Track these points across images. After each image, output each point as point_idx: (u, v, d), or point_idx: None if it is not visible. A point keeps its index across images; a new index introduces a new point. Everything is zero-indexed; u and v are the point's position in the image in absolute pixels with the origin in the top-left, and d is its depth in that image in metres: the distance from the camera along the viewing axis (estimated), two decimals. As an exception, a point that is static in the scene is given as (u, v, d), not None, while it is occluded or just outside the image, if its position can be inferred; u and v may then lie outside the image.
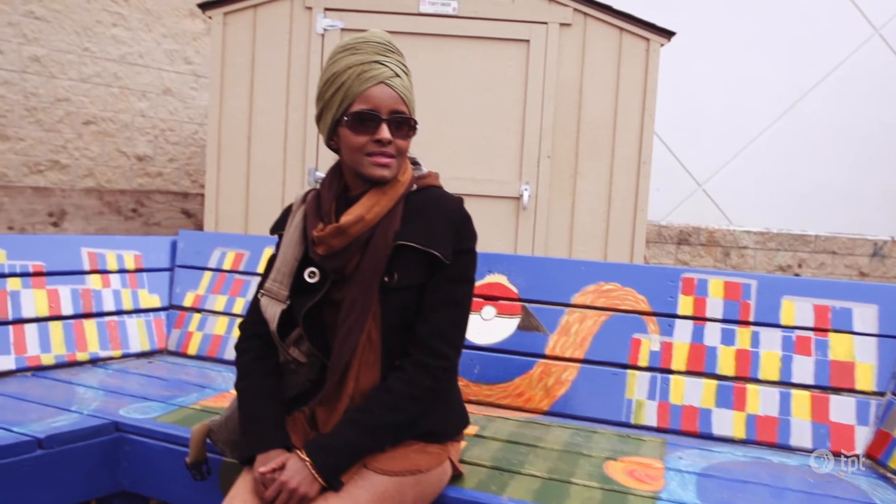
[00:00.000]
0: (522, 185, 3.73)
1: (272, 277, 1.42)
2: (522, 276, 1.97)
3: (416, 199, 1.41)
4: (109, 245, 2.30)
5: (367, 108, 1.34)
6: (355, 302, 1.32)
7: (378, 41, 1.37)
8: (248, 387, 1.38)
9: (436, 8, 3.73)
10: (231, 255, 2.39)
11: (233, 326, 2.30)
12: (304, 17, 3.73)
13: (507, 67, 3.75)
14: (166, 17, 5.20)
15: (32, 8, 4.55)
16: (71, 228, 4.78)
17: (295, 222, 1.44)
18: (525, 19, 3.73)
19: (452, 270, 1.37)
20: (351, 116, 1.34)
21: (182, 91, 5.34)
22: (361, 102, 1.34)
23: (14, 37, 4.48)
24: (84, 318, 2.16)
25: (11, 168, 4.58)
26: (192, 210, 5.40)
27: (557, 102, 3.76)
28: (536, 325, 1.92)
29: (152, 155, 5.25)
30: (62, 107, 4.73)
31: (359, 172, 1.37)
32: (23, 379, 1.96)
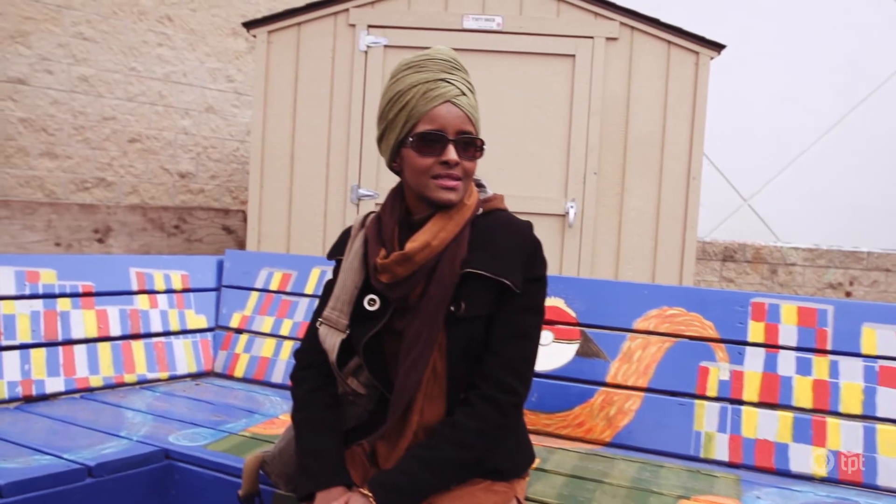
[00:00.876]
0: (568, 202, 3.65)
1: (331, 305, 1.36)
2: (581, 299, 1.88)
3: (483, 223, 1.34)
4: (157, 265, 2.28)
5: (433, 128, 1.28)
6: (420, 333, 1.26)
7: (443, 58, 1.32)
8: (306, 419, 1.32)
9: (480, 24, 3.69)
10: (278, 275, 2.35)
11: (280, 349, 2.25)
12: (347, 34, 3.72)
13: (553, 83, 3.69)
14: (210, 37, 5.26)
15: (82, 29, 4.63)
16: (115, 245, 4.82)
17: (355, 248, 1.38)
18: (571, 34, 3.67)
19: (522, 300, 1.30)
20: (416, 137, 1.29)
21: (224, 109, 5.39)
22: (427, 122, 1.28)
23: (64, 57, 4.57)
24: (132, 340, 2.14)
25: (59, 185, 4.65)
26: (232, 226, 5.43)
27: (604, 118, 3.68)
28: (596, 351, 1.84)
29: (194, 172, 5.30)
30: (108, 125, 4.80)
31: (423, 196, 1.31)
32: (71, 401, 1.94)
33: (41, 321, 1.96)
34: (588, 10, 3.66)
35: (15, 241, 4.44)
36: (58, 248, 4.55)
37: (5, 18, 4.33)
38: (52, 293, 2.02)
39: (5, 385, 1.84)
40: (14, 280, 1.95)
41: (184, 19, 5.11)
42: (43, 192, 4.56)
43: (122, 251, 4.85)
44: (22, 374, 1.88)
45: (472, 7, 3.70)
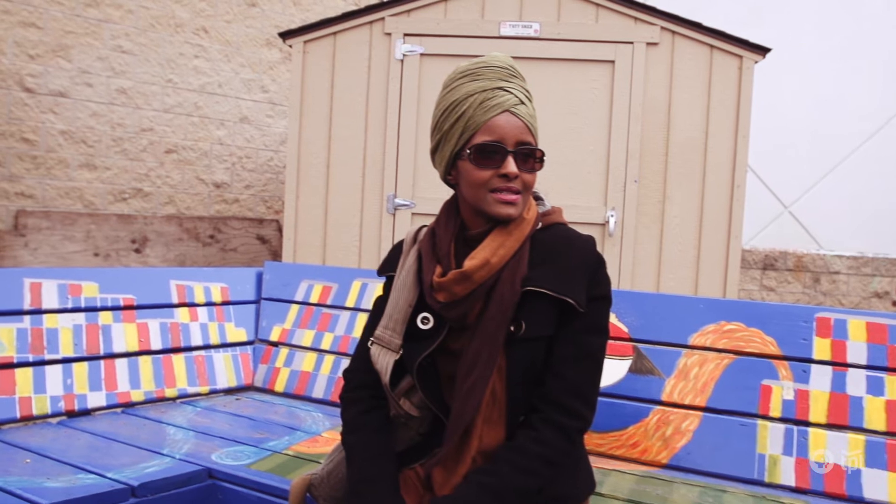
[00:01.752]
0: (608, 210, 3.57)
1: (383, 324, 1.31)
2: (633, 313, 1.81)
3: (543, 239, 1.28)
4: (197, 277, 2.26)
5: (492, 139, 1.22)
6: (479, 354, 1.19)
7: (500, 65, 1.26)
8: (357, 443, 1.27)
9: (517, 30, 3.64)
10: (318, 287, 2.31)
11: (321, 363, 2.21)
12: (383, 42, 3.69)
13: (592, 89, 3.62)
14: (244, 48, 5.29)
15: (120, 42, 4.69)
16: (152, 254, 4.86)
17: (408, 264, 1.32)
18: (610, 39, 3.59)
19: (586, 319, 1.23)
20: (473, 149, 1.22)
21: (258, 119, 5.41)
22: (485, 133, 1.22)
23: (103, 70, 4.62)
24: (172, 353, 2.11)
25: (98, 196, 4.70)
26: (266, 236, 5.44)
27: (644, 125, 3.59)
28: (650, 367, 1.76)
29: (229, 182, 5.32)
30: (146, 136, 4.84)
31: (480, 210, 1.25)
32: (113, 416, 1.91)
33: (83, 335, 1.95)
34: (628, 14, 3.58)
35: (56, 251, 4.49)
36: (96, 258, 4.59)
37: (47, 33, 4.40)
38: (94, 306, 2.00)
39: (48, 400, 1.82)
40: (57, 293, 1.94)
41: (219, 31, 5.14)
42: (82, 202, 4.61)
43: (158, 261, 4.88)
44: (64, 389, 1.86)
45: (510, 14, 3.65)
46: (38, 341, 1.85)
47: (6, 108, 4.31)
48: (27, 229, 4.40)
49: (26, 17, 4.31)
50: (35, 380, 1.83)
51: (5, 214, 4.35)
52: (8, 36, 4.27)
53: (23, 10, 4.30)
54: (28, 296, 1.89)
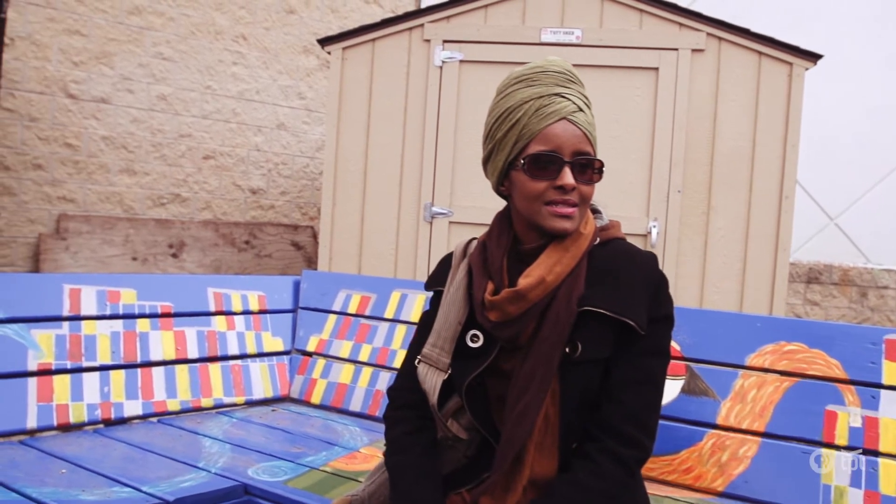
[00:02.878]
0: (650, 221, 3.47)
1: (431, 342, 1.24)
2: (686, 330, 1.72)
3: (601, 255, 1.20)
4: (234, 285, 2.23)
5: (547, 149, 1.15)
6: (532, 377, 1.12)
7: (557, 70, 1.19)
8: (402, 465, 1.21)
9: (558, 37, 3.57)
10: (356, 297, 2.26)
11: (359, 375, 2.16)
12: (422, 49, 3.65)
13: (635, 97, 3.53)
14: (282, 55, 5.31)
15: (161, 49, 4.74)
16: (188, 259, 4.88)
17: (457, 279, 1.26)
18: (654, 46, 3.51)
19: (647, 342, 1.15)
20: (528, 159, 1.15)
21: (295, 125, 5.42)
22: (540, 142, 1.15)
23: (144, 77, 4.67)
24: (209, 362, 2.09)
25: (137, 201, 4.74)
26: (301, 242, 5.43)
27: (689, 133, 3.49)
28: (704, 388, 1.67)
29: (265, 188, 5.34)
30: (184, 142, 4.88)
31: (535, 224, 1.18)
32: (149, 426, 1.89)
33: (121, 342, 1.93)
34: (672, 21, 3.49)
35: (95, 255, 4.54)
36: (134, 262, 4.63)
37: (91, 40, 4.46)
38: (131, 313, 1.98)
39: (85, 407, 1.81)
40: (96, 300, 1.93)
41: (258, 38, 5.17)
42: (122, 207, 4.66)
43: (194, 266, 4.91)
44: (101, 397, 1.84)
45: (551, 20, 3.59)
46: (76, 348, 1.84)
47: (50, 114, 4.37)
48: (68, 233, 4.45)
49: (71, 24, 4.38)
50: (73, 387, 1.81)
51: (47, 218, 4.41)
52: (53, 43, 4.33)
53: (68, 17, 4.36)
54: (67, 302, 1.88)
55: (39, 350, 1.79)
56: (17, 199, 4.30)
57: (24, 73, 4.26)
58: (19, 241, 4.35)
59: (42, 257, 4.36)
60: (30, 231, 4.36)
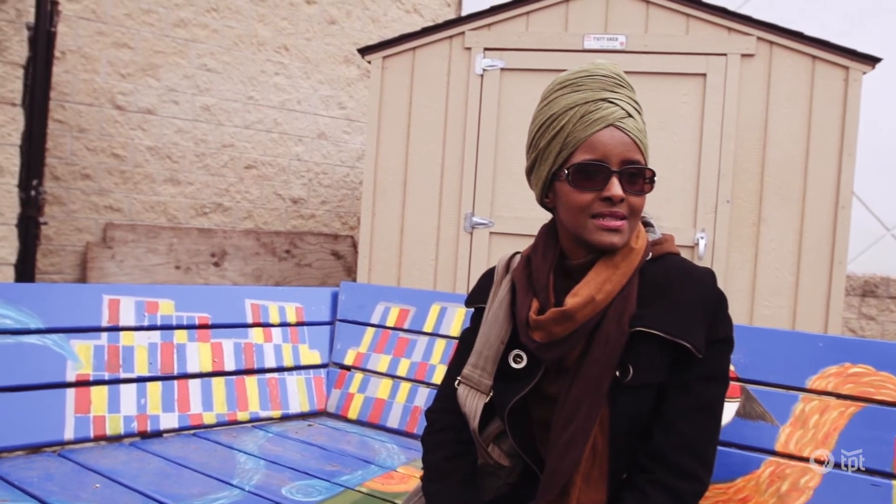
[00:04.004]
0: (698, 232, 3.36)
1: (472, 362, 1.18)
2: (741, 349, 1.63)
3: (654, 271, 1.12)
4: (272, 296, 2.21)
5: (593, 157, 1.07)
6: (580, 403, 1.05)
7: (604, 74, 1.11)
8: (440, 492, 1.15)
9: (601, 43, 3.49)
10: (395, 310, 2.22)
11: (397, 390, 2.11)
12: (462, 57, 3.61)
13: (681, 104, 3.42)
14: (323, 65, 5.33)
15: (205, 61, 4.80)
16: (230, 268, 4.92)
17: (500, 296, 1.19)
18: (701, 51, 3.40)
19: (705, 366, 1.07)
20: (572, 169, 1.08)
21: (335, 135, 5.44)
22: (586, 151, 1.08)
23: (189, 88, 4.74)
24: (245, 375, 2.06)
25: (181, 210, 4.80)
26: (341, 252, 5.43)
27: (738, 141, 3.37)
28: (761, 412, 1.58)
29: (306, 197, 5.36)
30: (227, 152, 4.93)
31: (581, 238, 1.11)
32: (185, 439, 1.87)
33: (158, 354, 1.92)
34: (721, 25, 3.38)
35: (140, 263, 4.60)
36: (177, 271, 4.68)
37: (138, 53, 4.54)
38: (169, 324, 1.97)
39: (121, 420, 1.79)
40: (134, 310, 1.92)
41: (299, 48, 5.20)
42: (166, 216, 4.72)
43: (236, 275, 4.94)
44: (138, 409, 1.83)
45: (594, 26, 3.51)
46: (114, 359, 1.83)
47: (98, 125, 4.46)
48: (114, 241, 4.52)
49: (119, 37, 4.46)
50: (110, 399, 1.80)
51: (94, 227, 4.49)
52: (102, 56, 4.42)
53: (116, 30, 4.45)
54: (106, 312, 1.87)
55: (78, 361, 1.78)
56: (66, 208, 4.39)
57: (74, 85, 4.36)
58: (68, 249, 4.44)
59: (89, 265, 4.44)
60: (78, 239, 4.45)
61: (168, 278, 4.67)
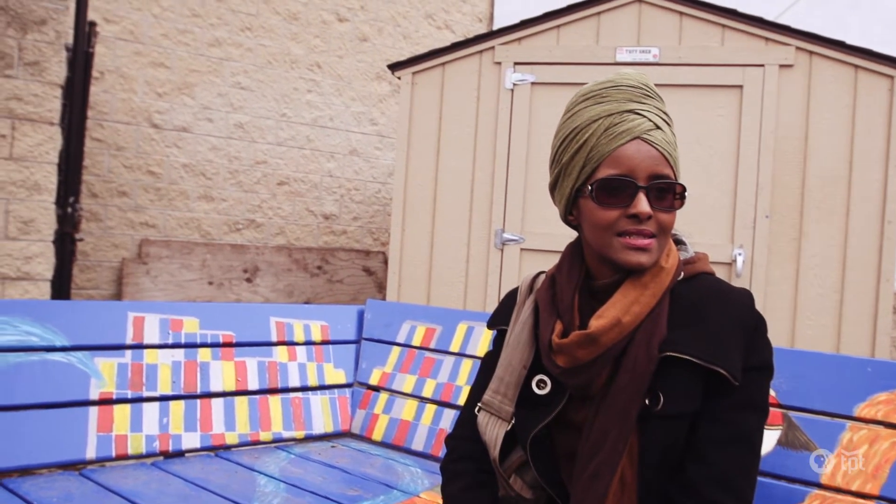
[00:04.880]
0: (735, 248, 3.25)
1: (493, 388, 1.12)
2: (783, 373, 1.54)
3: (686, 292, 1.05)
4: (297, 315, 2.19)
5: (619, 172, 1.02)
6: (606, 433, 0.99)
7: (630, 84, 1.06)
8: (458, 527, 1.09)
9: (634, 56, 3.43)
10: (421, 329, 2.17)
11: (422, 412, 2.06)
12: (492, 72, 3.58)
13: (717, 117, 3.33)
14: (355, 82, 5.36)
15: (239, 79, 4.86)
16: (262, 284, 4.94)
17: (522, 317, 1.13)
18: (737, 63, 3.31)
19: (742, 394, 1.00)
20: (596, 184, 1.02)
21: (367, 151, 5.45)
22: (611, 166, 1.02)
23: (223, 106, 4.80)
24: (269, 394, 2.03)
25: (214, 227, 4.85)
26: (373, 268, 5.42)
27: (777, 154, 3.27)
28: (805, 441, 1.49)
29: (338, 214, 5.37)
30: (260, 169, 4.97)
31: (607, 257, 1.05)
32: (206, 460, 1.84)
33: (182, 372, 1.91)
34: (758, 35, 3.29)
35: (174, 279, 4.65)
36: (210, 287, 4.72)
37: (174, 72, 4.61)
38: (193, 342, 1.96)
39: (143, 439, 1.78)
40: (159, 328, 1.91)
41: (332, 66, 5.24)
42: (199, 232, 4.77)
43: (267, 290, 4.96)
44: (160, 428, 1.81)
45: (626, 38, 3.45)
46: (137, 377, 1.82)
47: (135, 143, 4.54)
48: (149, 257, 4.58)
49: (156, 57, 4.55)
50: (132, 417, 1.79)
51: (130, 243, 4.56)
52: (139, 76, 4.51)
53: (153, 51, 4.54)
54: (131, 330, 1.87)
55: (102, 379, 1.78)
56: (103, 224, 4.46)
57: (112, 104, 4.44)
58: (104, 265, 4.50)
59: (124, 281, 4.50)
60: (114, 255, 4.51)
61: (201, 294, 4.71)
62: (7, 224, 3.27)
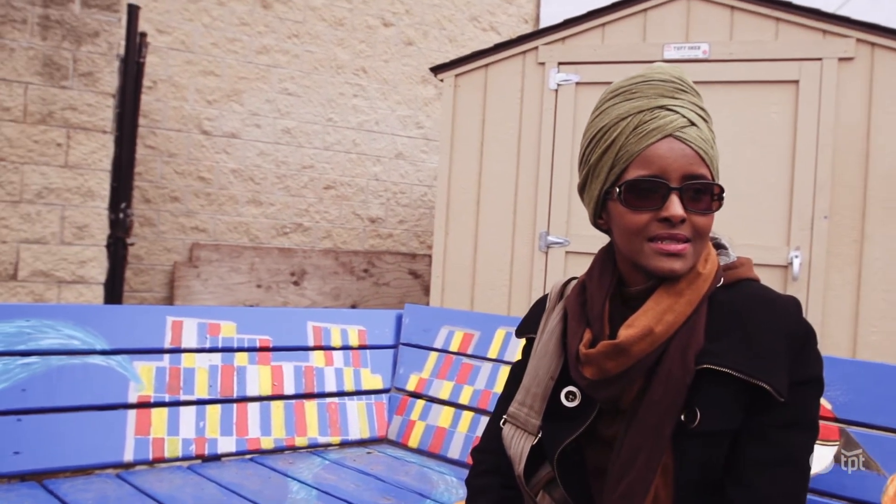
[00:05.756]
0: (791, 251, 3.11)
1: (519, 399, 1.07)
2: (840, 386, 1.44)
3: (727, 300, 0.98)
4: (335, 319, 2.18)
5: (649, 173, 0.95)
6: (638, 449, 0.92)
7: (663, 78, 0.99)
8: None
9: (683, 53, 3.32)
10: (459, 334, 2.14)
11: (458, 419, 2.02)
12: (536, 73, 3.52)
13: (771, 114, 3.20)
14: (401, 86, 5.36)
15: (287, 85, 4.92)
16: (309, 287, 4.98)
17: (550, 325, 1.08)
18: (793, 57, 3.17)
19: (788, 411, 0.92)
20: (625, 187, 0.96)
21: (413, 154, 5.45)
22: (640, 166, 0.95)
23: (270, 112, 4.87)
24: (305, 399, 2.03)
25: (262, 231, 4.92)
26: (419, 271, 5.41)
27: (836, 152, 3.11)
28: (866, 460, 1.39)
29: (384, 217, 5.38)
30: (307, 173, 5.02)
31: (637, 263, 0.98)
32: (241, 464, 1.85)
33: (218, 376, 1.92)
34: (815, 27, 3.14)
35: (223, 282, 4.74)
36: (258, 290, 4.78)
37: (223, 80, 4.70)
38: (230, 347, 1.97)
39: (180, 443, 1.79)
40: (196, 333, 1.93)
41: (377, 70, 5.26)
42: (248, 236, 4.85)
43: (314, 294, 5.00)
44: (197, 432, 1.82)
45: (674, 35, 3.34)
46: (175, 381, 1.84)
47: (186, 150, 4.64)
48: (200, 261, 4.68)
49: (206, 66, 4.64)
50: (170, 421, 1.81)
51: (182, 247, 4.66)
52: (190, 84, 4.61)
53: (203, 59, 4.63)
54: (169, 334, 1.89)
55: (140, 382, 1.80)
56: (155, 229, 4.57)
57: (165, 112, 4.55)
58: (157, 268, 4.62)
59: (176, 284, 4.60)
60: (166, 259, 4.62)
61: (249, 297, 4.78)
62: (63, 229, 3.37)
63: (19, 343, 1.68)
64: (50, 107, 3.30)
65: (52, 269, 3.32)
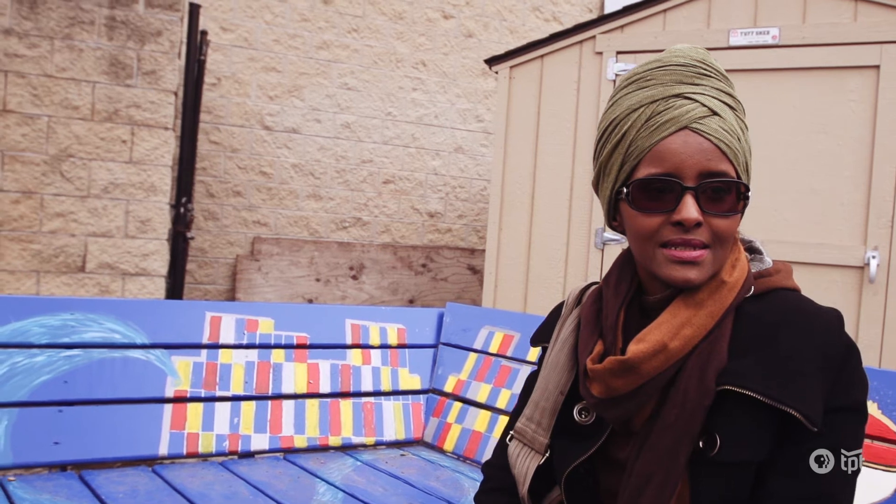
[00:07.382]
0: (868, 251, 2.89)
1: (527, 414, 0.99)
2: (903, 405, 1.31)
3: (757, 312, 0.87)
4: (374, 317, 2.15)
5: (661, 171, 0.84)
6: (649, 477, 0.82)
7: (680, 62, 0.88)
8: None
9: (750, 38, 3.12)
10: (499, 335, 2.07)
11: (495, 424, 1.96)
12: (593, 63, 3.40)
13: (847, 102, 2.97)
14: (460, 79, 5.30)
15: (346, 80, 4.95)
16: (367, 281, 5.01)
17: (563, 335, 0.99)
18: (873, 40, 2.93)
19: (823, 441, 0.81)
20: (634, 186, 0.86)
21: (472, 148, 5.39)
22: (651, 163, 0.85)
23: (330, 107, 4.90)
24: (340, 398, 2.01)
25: (322, 225, 4.97)
26: (477, 266, 5.36)
27: (922, 143, 2.87)
28: (929, 487, 1.25)
29: (442, 212, 5.35)
30: (366, 168, 5.04)
31: (650, 271, 0.88)
32: (273, 462, 1.85)
33: (255, 373, 1.92)
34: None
35: (283, 275, 4.82)
36: (317, 284, 4.84)
37: (284, 76, 4.77)
38: (267, 343, 1.97)
39: (214, 438, 1.81)
40: (234, 329, 1.94)
41: (437, 63, 5.22)
42: (308, 230, 4.91)
43: (373, 288, 5.02)
44: (231, 428, 1.84)
45: (741, 20, 3.15)
46: (211, 376, 1.85)
47: (249, 145, 4.73)
48: (261, 255, 4.77)
49: (268, 62, 4.71)
50: (205, 416, 1.82)
51: (244, 241, 4.76)
52: (253, 80, 4.70)
53: (265, 56, 4.71)
54: (207, 329, 1.90)
55: (177, 377, 1.82)
56: (219, 223, 4.69)
57: (228, 108, 4.66)
58: (220, 261, 4.73)
59: (238, 277, 4.71)
60: (229, 252, 4.73)
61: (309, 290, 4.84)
62: (127, 223, 3.49)
63: (63, 336, 1.72)
64: (115, 105, 3.41)
65: (116, 261, 3.44)
